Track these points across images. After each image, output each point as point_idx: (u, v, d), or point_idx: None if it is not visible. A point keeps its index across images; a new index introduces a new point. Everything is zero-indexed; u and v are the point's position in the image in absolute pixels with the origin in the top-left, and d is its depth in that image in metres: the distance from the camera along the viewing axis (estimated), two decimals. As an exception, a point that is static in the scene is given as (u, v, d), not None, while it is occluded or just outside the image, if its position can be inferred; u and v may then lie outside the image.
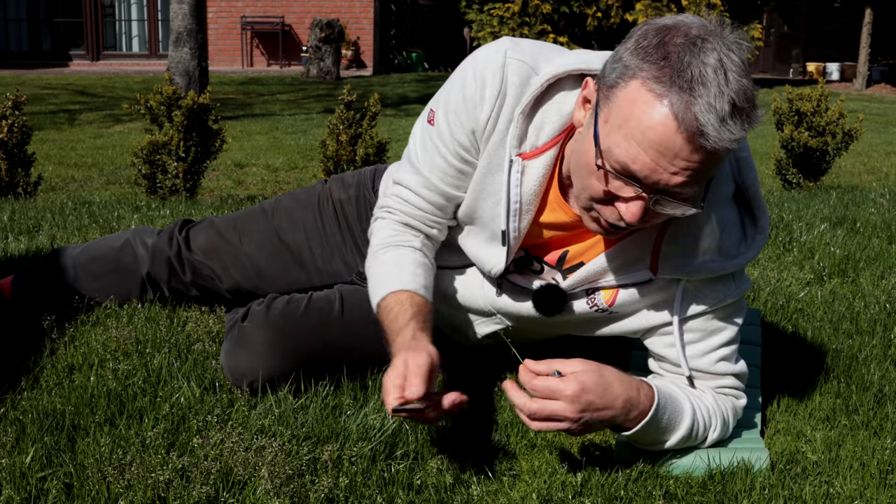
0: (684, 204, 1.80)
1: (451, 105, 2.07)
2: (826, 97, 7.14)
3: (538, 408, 1.81)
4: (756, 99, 1.74)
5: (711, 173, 1.81)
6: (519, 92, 2.00)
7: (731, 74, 1.69)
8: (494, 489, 1.89)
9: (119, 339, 2.51)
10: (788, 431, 2.22)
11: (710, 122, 1.67)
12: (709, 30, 1.73)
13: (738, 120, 1.69)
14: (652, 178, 1.75)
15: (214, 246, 2.67)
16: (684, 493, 1.90)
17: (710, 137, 1.68)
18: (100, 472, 1.81)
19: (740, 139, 1.71)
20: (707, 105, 1.67)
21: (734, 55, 1.70)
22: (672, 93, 1.69)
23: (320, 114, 14.14)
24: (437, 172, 2.12)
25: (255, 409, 2.13)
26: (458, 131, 2.06)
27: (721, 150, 1.70)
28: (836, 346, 2.74)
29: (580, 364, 1.86)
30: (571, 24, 19.63)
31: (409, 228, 2.20)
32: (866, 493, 1.92)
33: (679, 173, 1.74)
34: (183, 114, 5.63)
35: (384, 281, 2.11)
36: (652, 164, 1.74)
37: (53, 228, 4.08)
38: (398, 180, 2.21)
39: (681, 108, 1.68)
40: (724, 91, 1.67)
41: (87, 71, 20.94)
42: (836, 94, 7.95)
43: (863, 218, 4.82)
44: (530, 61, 2.01)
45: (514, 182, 2.02)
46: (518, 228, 2.06)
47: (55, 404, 2.12)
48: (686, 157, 1.72)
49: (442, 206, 2.16)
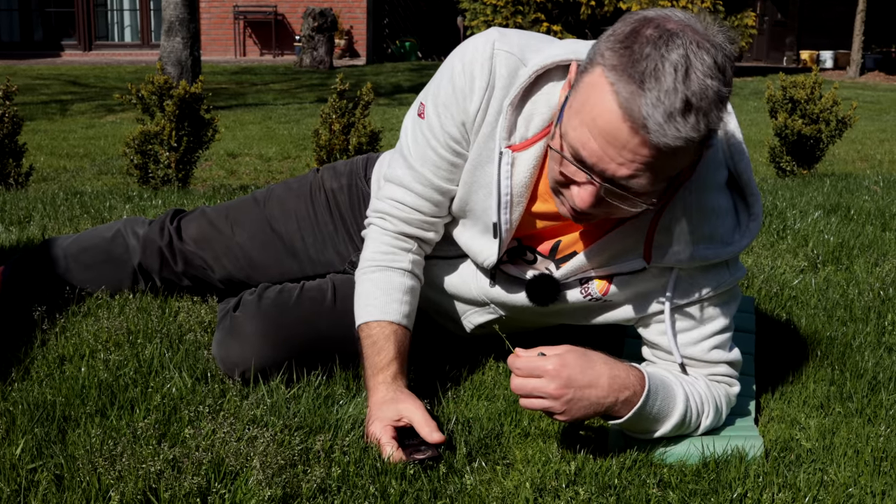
0: (634, 198, 1.78)
1: (440, 98, 2.06)
2: (820, 85, 7.13)
3: (520, 383, 1.84)
4: (724, 101, 1.70)
5: (670, 171, 1.78)
6: (507, 83, 1.99)
7: (694, 73, 1.65)
8: (488, 478, 1.88)
9: (110, 330, 2.50)
10: (782, 419, 2.21)
11: (654, 117, 1.65)
12: (687, 25, 1.70)
13: (690, 118, 1.66)
14: (599, 166, 1.74)
15: (206, 236, 2.66)
16: (678, 480, 1.89)
17: (653, 132, 1.66)
18: (90, 464, 1.80)
19: (692, 139, 1.68)
20: (655, 99, 1.64)
21: (706, 55, 1.67)
22: (622, 82, 1.67)
23: (313, 103, 14.12)
24: (429, 166, 2.11)
25: (247, 400, 2.12)
26: (448, 123, 2.05)
27: (667, 146, 1.67)
28: (830, 334, 2.74)
29: (564, 347, 1.88)
30: (565, 12, 19.59)
31: (403, 239, 2.18)
32: (860, 480, 1.92)
33: (626, 165, 1.72)
34: (175, 103, 5.61)
35: (370, 305, 2.13)
36: (599, 152, 1.73)
37: (44, 219, 4.06)
38: (390, 178, 2.19)
39: (627, 98, 1.67)
40: (679, 88, 1.64)
41: (79, 61, 20.88)
42: (829, 81, 7.94)
43: (857, 205, 4.81)
44: (518, 52, 2.00)
45: (505, 174, 2.01)
46: (510, 220, 2.05)
47: (46, 395, 2.11)
48: (633, 149, 1.70)
49: (437, 201, 2.14)
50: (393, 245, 2.18)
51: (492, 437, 2.04)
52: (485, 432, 2.05)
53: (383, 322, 2.10)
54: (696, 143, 1.72)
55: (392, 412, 1.98)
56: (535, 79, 1.97)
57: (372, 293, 2.14)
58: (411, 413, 1.97)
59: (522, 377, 1.85)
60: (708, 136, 1.73)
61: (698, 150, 1.78)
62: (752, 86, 18.96)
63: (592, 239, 2.05)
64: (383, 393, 2.03)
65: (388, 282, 2.14)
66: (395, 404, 1.99)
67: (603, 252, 2.05)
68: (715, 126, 1.71)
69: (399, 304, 2.13)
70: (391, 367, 2.07)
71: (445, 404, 2.19)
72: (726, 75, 1.69)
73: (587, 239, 2.06)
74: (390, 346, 2.08)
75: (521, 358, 1.85)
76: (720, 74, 1.68)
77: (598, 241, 2.04)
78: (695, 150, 1.76)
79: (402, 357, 2.09)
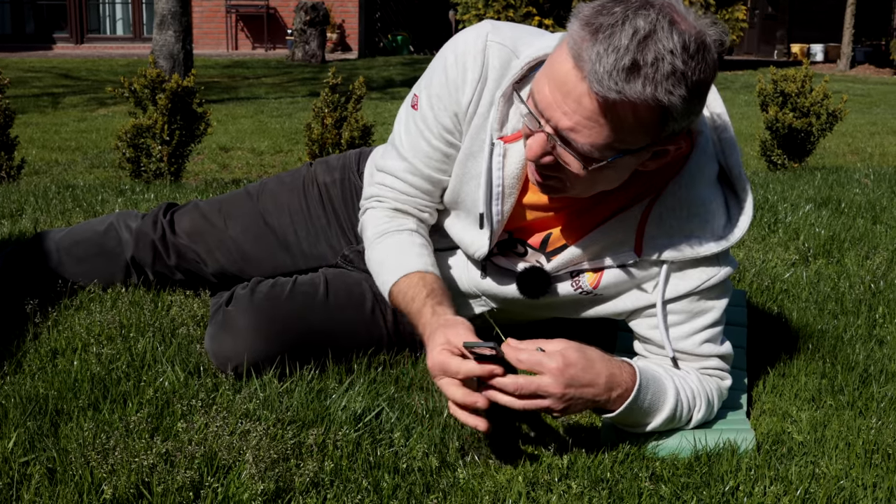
0: (578, 156, 1.77)
1: (433, 89, 2.07)
2: (811, 78, 7.13)
3: (526, 381, 1.81)
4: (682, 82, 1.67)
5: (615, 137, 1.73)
6: (499, 75, 1.99)
7: (653, 42, 1.64)
8: (480, 472, 1.88)
9: (103, 324, 2.50)
10: (774, 412, 2.22)
11: (595, 65, 1.65)
12: (671, 6, 1.69)
13: (634, 81, 1.64)
14: (547, 112, 1.75)
15: (199, 229, 2.66)
16: (670, 474, 1.90)
17: (590, 78, 1.66)
18: (83, 457, 1.80)
19: (631, 100, 1.66)
20: (602, 49, 1.64)
21: (676, 35, 1.65)
22: (579, 29, 1.68)
23: (305, 97, 14.10)
24: (421, 157, 2.12)
25: (240, 394, 2.12)
26: (441, 114, 2.06)
27: (604, 100, 1.66)
28: (822, 327, 2.75)
29: (562, 343, 1.87)
30: (556, 6, 19.58)
31: (400, 213, 2.20)
32: (852, 472, 1.92)
33: (568, 115, 1.72)
34: (167, 97, 5.59)
35: (390, 267, 2.12)
36: (549, 98, 1.74)
37: (37, 212, 4.05)
38: (382, 167, 2.21)
39: (576, 42, 1.68)
40: (631, 49, 1.64)
41: (71, 54, 20.82)
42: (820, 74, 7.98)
43: (847, 198, 4.83)
44: (511, 44, 2.00)
45: (497, 165, 2.01)
46: (501, 212, 2.05)
47: (38, 389, 2.11)
48: (577, 98, 1.70)
49: (428, 190, 2.16)
50: (391, 215, 2.20)
51: (484, 431, 2.04)
52: (477, 426, 2.05)
53: (403, 278, 2.08)
54: (648, 117, 1.70)
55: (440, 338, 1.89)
56: (527, 70, 1.97)
57: (385, 260, 2.14)
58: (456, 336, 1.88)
59: (525, 377, 1.81)
60: (664, 116, 1.71)
61: (654, 131, 1.75)
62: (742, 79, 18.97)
63: (583, 232, 2.05)
64: (430, 329, 1.96)
65: (397, 244, 2.15)
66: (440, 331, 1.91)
67: (593, 244, 2.05)
68: (664, 100, 1.67)
69: (416, 257, 2.11)
70: (427, 305, 2.01)
71: (438, 397, 2.19)
72: (696, 60, 1.67)
73: (578, 232, 2.06)
74: (420, 289, 2.04)
75: (523, 351, 1.83)
76: (686, 56, 1.66)
77: (588, 233, 2.04)
78: (648, 128, 1.73)
79: (435, 293, 2.04)
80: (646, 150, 1.80)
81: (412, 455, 1.91)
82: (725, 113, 2.06)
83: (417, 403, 2.14)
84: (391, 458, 1.89)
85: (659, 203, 1.99)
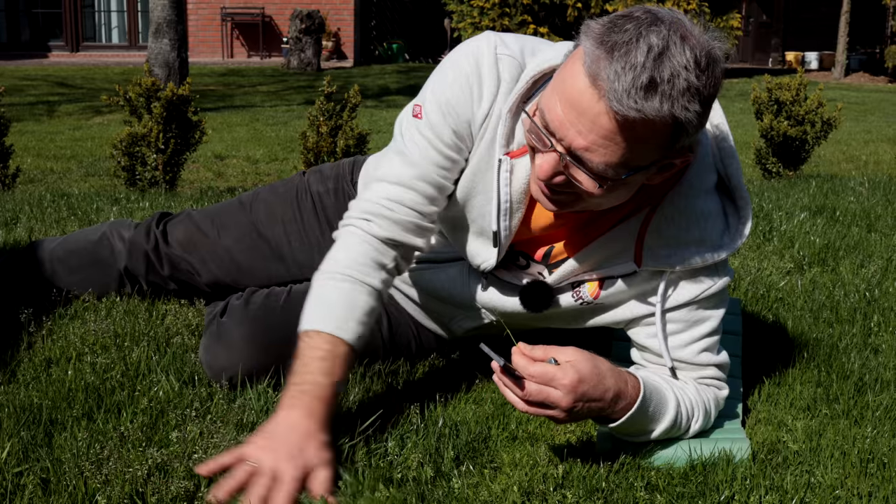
0: (591, 177, 1.77)
1: (444, 99, 2.01)
2: (805, 86, 7.14)
3: (536, 390, 1.80)
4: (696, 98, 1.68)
5: (629, 156, 1.74)
6: (509, 89, 1.98)
7: (668, 59, 1.65)
8: (475, 482, 1.88)
9: (97, 333, 2.50)
10: (769, 421, 2.21)
11: (614, 84, 1.64)
12: (678, 20, 1.70)
13: (652, 98, 1.65)
14: (560, 132, 1.74)
15: (192, 239, 2.66)
16: (666, 483, 1.89)
17: (610, 97, 1.65)
18: (77, 468, 1.80)
19: (650, 119, 1.66)
20: (620, 68, 1.64)
21: (688, 49, 1.66)
22: (593, 48, 1.68)
23: (301, 105, 14.09)
24: (431, 165, 2.04)
25: (234, 404, 2.11)
26: (453, 122, 2.01)
27: (624, 119, 1.66)
28: (817, 335, 2.75)
29: (575, 353, 1.85)
30: (552, 14, 19.58)
31: (386, 248, 2.07)
32: (847, 481, 1.92)
33: (583, 134, 1.72)
34: (162, 105, 5.59)
35: (330, 315, 1.99)
36: (562, 117, 1.73)
37: (31, 221, 4.05)
38: (385, 177, 2.08)
39: (592, 61, 1.67)
40: (648, 66, 1.64)
41: (67, 62, 20.81)
42: (814, 83, 7.96)
43: (842, 206, 4.83)
44: (519, 56, 2.00)
45: (504, 181, 2.00)
46: (510, 227, 2.04)
47: (32, 398, 2.10)
48: (592, 118, 1.69)
49: (434, 198, 2.07)
50: (371, 257, 2.05)
51: (479, 441, 2.04)
52: (472, 436, 2.05)
53: (338, 339, 1.96)
54: (663, 133, 1.71)
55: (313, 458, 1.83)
56: (531, 84, 1.96)
57: (335, 303, 2.00)
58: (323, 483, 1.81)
59: (537, 384, 1.81)
60: (676, 131, 1.71)
61: (665, 147, 1.75)
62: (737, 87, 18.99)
63: (584, 243, 2.05)
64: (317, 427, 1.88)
65: (353, 297, 2.01)
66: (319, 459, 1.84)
67: (594, 255, 2.05)
68: (681, 116, 1.68)
69: (358, 325, 1.99)
70: (332, 402, 1.93)
71: (433, 407, 2.18)
72: (707, 74, 1.68)
73: (579, 244, 2.06)
74: (341, 372, 1.96)
75: (535, 364, 1.81)
76: (699, 71, 1.67)
77: (589, 244, 2.05)
78: (661, 144, 1.74)
79: (341, 390, 1.98)
80: (656, 164, 1.80)
81: (407, 465, 1.91)
82: (725, 122, 2.06)
83: (412, 413, 2.13)
84: (386, 468, 1.89)
85: (658, 213, 1.99)
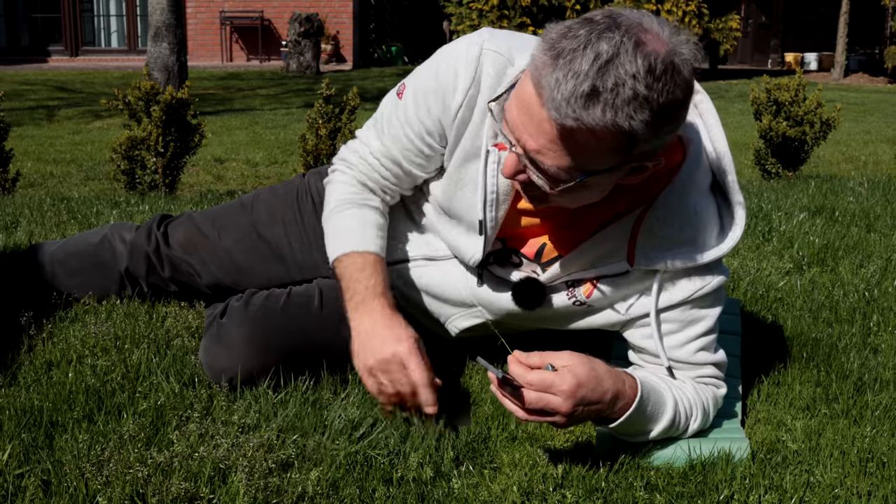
0: (545, 177, 1.79)
1: (420, 88, 2.09)
2: (804, 87, 7.14)
3: (535, 398, 1.80)
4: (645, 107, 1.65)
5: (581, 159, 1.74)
6: (495, 83, 2.00)
7: (615, 67, 1.63)
8: (475, 482, 1.88)
9: (98, 335, 2.50)
10: (769, 421, 2.22)
11: (553, 93, 1.65)
12: (639, 24, 1.68)
13: (594, 108, 1.64)
14: (514, 134, 1.78)
15: (193, 241, 2.66)
16: (665, 483, 1.90)
17: (549, 106, 1.67)
18: (78, 469, 1.80)
19: (591, 127, 1.66)
20: (561, 76, 1.65)
21: (640, 58, 1.63)
22: (541, 54, 1.69)
23: (300, 108, 14.10)
24: (398, 147, 2.16)
25: (235, 405, 2.12)
26: (424, 115, 2.09)
27: (562, 127, 1.67)
28: (816, 335, 2.75)
29: (571, 357, 1.85)
30: (550, 16, 19.60)
31: (366, 189, 2.25)
32: (846, 481, 1.92)
33: (534, 138, 1.74)
34: (161, 109, 5.59)
35: (351, 238, 2.17)
36: (516, 119, 1.76)
37: (31, 224, 4.04)
38: (362, 138, 2.26)
39: (537, 68, 1.69)
40: (591, 75, 1.63)
41: (66, 67, 20.84)
42: (813, 83, 7.96)
43: (841, 207, 4.83)
44: (506, 52, 2.01)
45: (491, 172, 2.02)
46: (495, 218, 2.06)
47: (33, 401, 2.11)
48: (539, 122, 1.71)
49: (398, 176, 2.21)
50: (360, 188, 2.25)
51: (479, 441, 2.04)
52: (472, 436, 2.05)
53: (366, 252, 2.15)
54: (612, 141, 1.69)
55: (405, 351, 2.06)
56: None
57: (350, 227, 2.19)
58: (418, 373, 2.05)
59: (536, 392, 1.81)
60: (630, 139, 1.70)
61: (621, 153, 1.74)
62: (736, 88, 19.00)
63: (575, 242, 2.06)
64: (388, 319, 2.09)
65: (363, 217, 2.20)
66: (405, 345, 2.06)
67: (586, 254, 2.06)
68: (625, 125, 1.66)
69: (378, 239, 2.18)
70: (389, 295, 2.13)
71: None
72: (663, 81, 1.65)
73: (570, 242, 2.07)
74: (380, 274, 2.13)
75: (532, 372, 1.81)
76: (651, 80, 1.64)
77: (581, 243, 2.05)
78: (614, 150, 1.72)
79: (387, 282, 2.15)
80: (618, 168, 1.79)
81: (407, 465, 1.91)
82: (719, 123, 2.06)
83: (412, 413, 2.13)
84: (386, 468, 1.89)
85: (651, 213, 1.99)
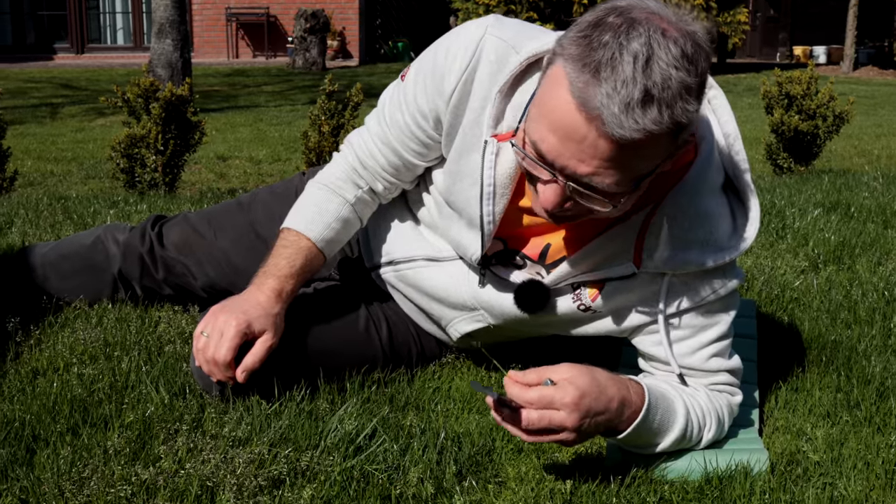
0: (603, 199, 1.69)
1: (421, 70, 2.04)
2: (816, 80, 7.06)
3: (537, 417, 1.71)
4: (691, 92, 1.60)
5: (637, 167, 1.67)
6: (495, 69, 1.91)
7: (656, 63, 1.56)
8: (479, 498, 1.79)
9: (87, 342, 2.41)
10: (788, 429, 2.12)
11: (609, 108, 1.55)
12: (654, 13, 1.61)
13: (650, 111, 1.56)
14: (559, 162, 1.66)
15: (188, 241, 2.59)
16: (680, 498, 1.80)
17: (609, 124, 1.56)
18: (57, 488, 1.70)
19: (653, 132, 1.58)
20: (610, 89, 1.55)
21: (672, 45, 1.57)
22: (577, 72, 1.58)
23: (305, 105, 14.05)
24: (395, 130, 2.11)
25: (226, 416, 2.02)
26: (420, 96, 2.02)
27: (626, 140, 1.58)
28: (835, 338, 2.65)
29: (570, 369, 1.76)
30: (557, 10, 19.58)
31: (357, 175, 2.23)
32: (872, 494, 1.83)
33: (586, 161, 1.63)
34: (161, 106, 5.51)
35: (299, 215, 2.21)
36: (559, 147, 1.64)
37: (26, 225, 3.96)
38: (366, 121, 2.25)
39: (581, 89, 1.58)
40: (638, 78, 1.55)
41: (72, 64, 20.83)
42: (824, 77, 7.88)
43: (857, 202, 4.74)
44: (511, 39, 1.92)
45: (489, 164, 1.93)
46: (493, 213, 1.97)
47: (16, 412, 2.01)
48: (592, 143, 1.60)
49: (394, 164, 2.15)
50: (347, 176, 2.23)
51: (483, 454, 1.94)
52: (476, 448, 1.95)
53: (302, 235, 2.17)
54: (666, 138, 1.62)
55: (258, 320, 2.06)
56: (527, 67, 1.89)
57: (307, 206, 2.22)
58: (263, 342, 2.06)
59: (537, 410, 1.72)
60: (678, 130, 1.63)
61: (670, 146, 1.67)
62: (746, 82, 18.93)
63: (581, 243, 1.97)
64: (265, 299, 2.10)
65: (325, 203, 2.21)
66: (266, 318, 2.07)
67: (592, 256, 1.96)
68: (682, 119, 1.60)
69: (324, 228, 2.18)
70: (288, 283, 2.13)
71: (434, 418, 2.09)
72: (696, 65, 1.60)
73: (576, 243, 1.98)
74: (298, 261, 2.15)
75: (530, 390, 1.73)
76: (688, 65, 1.58)
77: (587, 244, 1.96)
78: (665, 146, 1.65)
79: (300, 278, 2.16)
80: (664, 163, 1.72)
81: (406, 481, 1.81)
82: (732, 119, 1.98)
83: (413, 424, 2.04)
84: (384, 484, 1.79)
85: (659, 213, 1.90)
